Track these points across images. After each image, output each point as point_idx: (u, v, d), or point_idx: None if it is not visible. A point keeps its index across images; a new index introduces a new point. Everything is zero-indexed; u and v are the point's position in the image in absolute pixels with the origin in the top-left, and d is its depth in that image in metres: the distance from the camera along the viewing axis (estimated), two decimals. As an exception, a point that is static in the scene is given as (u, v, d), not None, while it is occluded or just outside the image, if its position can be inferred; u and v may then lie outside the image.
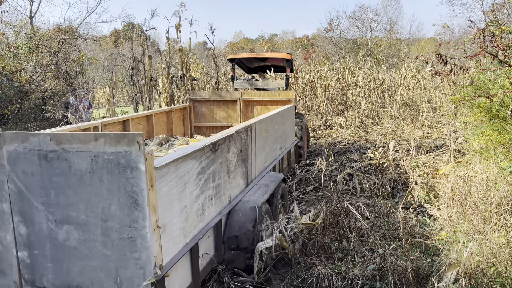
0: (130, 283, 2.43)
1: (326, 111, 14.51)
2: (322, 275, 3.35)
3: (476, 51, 4.60)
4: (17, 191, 2.54)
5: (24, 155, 2.48)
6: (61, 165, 2.41)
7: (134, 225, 2.35)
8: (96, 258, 2.47)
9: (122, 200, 2.34)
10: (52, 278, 2.60)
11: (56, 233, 2.52)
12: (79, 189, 2.40)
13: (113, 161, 2.31)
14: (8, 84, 11.58)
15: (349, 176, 6.74)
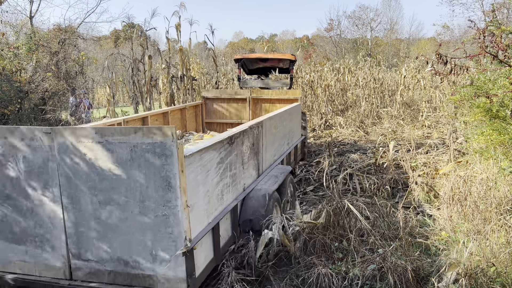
0: (164, 254, 2.82)
1: (326, 111, 14.51)
2: (322, 275, 3.35)
3: (476, 51, 4.60)
4: (66, 177, 2.95)
5: (72, 147, 2.88)
6: (104, 155, 2.80)
7: (167, 205, 2.75)
8: (134, 234, 2.86)
9: (158, 183, 2.74)
10: (96, 252, 3.00)
11: (100, 213, 2.91)
12: (120, 175, 2.79)
13: (150, 150, 2.71)
14: (8, 84, 11.58)
15: (349, 176, 6.74)
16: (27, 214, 3.10)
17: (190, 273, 2.89)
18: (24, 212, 3.11)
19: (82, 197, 2.94)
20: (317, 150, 9.74)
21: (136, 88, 10.13)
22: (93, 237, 2.99)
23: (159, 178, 2.73)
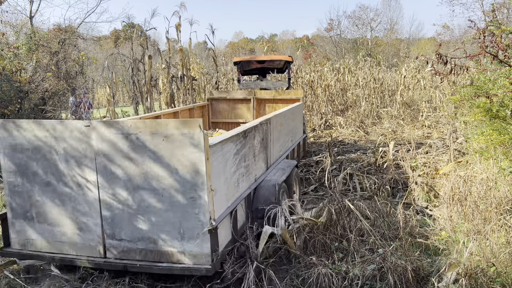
0: (191, 233, 3.19)
1: (326, 111, 14.50)
2: (322, 275, 3.35)
3: (476, 51, 4.60)
4: (103, 165, 3.30)
5: (109, 138, 3.24)
6: (139, 144, 3.18)
7: (195, 188, 3.12)
8: (164, 215, 3.22)
9: (187, 169, 3.11)
10: (128, 232, 3.34)
11: (133, 197, 3.28)
12: (153, 162, 3.17)
13: (180, 140, 3.08)
14: (8, 84, 11.57)
15: (349, 176, 6.74)
16: (66, 199, 3.46)
17: (214, 249, 3.20)
18: (64, 197, 3.46)
19: (117, 182, 3.31)
20: (317, 150, 9.74)
21: (136, 88, 10.12)
22: (126, 219, 3.34)
23: (188, 165, 3.11)
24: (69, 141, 3.35)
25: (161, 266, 3.29)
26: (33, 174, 3.49)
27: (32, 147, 3.45)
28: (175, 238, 3.25)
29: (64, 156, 3.39)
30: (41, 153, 3.44)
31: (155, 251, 3.32)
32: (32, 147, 3.45)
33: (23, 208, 3.58)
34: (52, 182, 3.45)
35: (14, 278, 3.70)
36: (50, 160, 3.43)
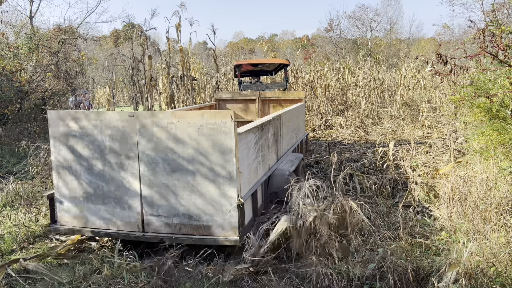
0: (221, 208, 3.71)
1: (326, 111, 14.50)
2: (322, 274, 3.35)
3: (476, 51, 4.60)
4: (144, 150, 3.78)
5: (150, 126, 3.73)
6: (177, 132, 3.69)
7: (226, 169, 3.64)
8: (197, 193, 3.73)
9: (219, 154, 3.63)
10: (165, 208, 3.83)
11: (170, 178, 3.76)
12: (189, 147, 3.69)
13: (214, 128, 3.62)
14: (8, 84, 11.57)
15: (349, 176, 6.74)
16: (109, 180, 3.94)
17: (241, 222, 3.70)
18: (108, 179, 3.94)
19: (156, 165, 3.79)
20: (317, 150, 9.74)
21: (136, 88, 10.12)
22: (163, 197, 3.80)
23: (220, 149, 3.63)
24: (114, 129, 3.86)
25: (194, 238, 3.79)
26: (80, 158, 4.00)
27: (80, 134, 3.96)
28: (207, 213, 3.76)
29: (109, 142, 3.89)
30: (89, 139, 3.94)
31: (189, 225, 3.82)
32: (80, 134, 3.96)
33: (70, 189, 4.09)
34: (98, 165, 3.95)
35: (15, 277, 3.71)
36: (96, 145, 3.93)
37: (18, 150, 8.57)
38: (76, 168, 4.02)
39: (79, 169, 4.02)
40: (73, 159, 4.02)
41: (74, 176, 4.04)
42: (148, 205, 3.88)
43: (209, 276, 3.68)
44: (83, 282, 3.63)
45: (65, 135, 4.01)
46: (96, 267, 3.90)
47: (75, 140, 3.97)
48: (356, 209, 4.21)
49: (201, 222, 3.79)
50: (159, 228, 3.89)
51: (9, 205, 5.76)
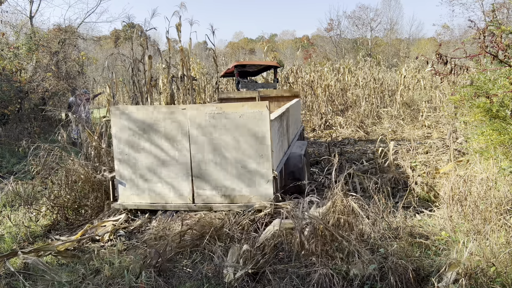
0: (258, 180, 4.63)
1: (326, 111, 14.50)
2: (322, 275, 3.34)
3: (476, 51, 4.60)
4: (194, 136, 4.62)
5: (200, 116, 4.57)
6: (223, 121, 4.55)
7: (263, 149, 4.55)
8: (239, 169, 4.62)
9: (256, 136, 4.53)
10: (212, 183, 4.69)
11: (216, 158, 4.62)
12: (232, 132, 4.58)
13: (253, 116, 4.48)
14: (8, 84, 11.57)
15: (349, 176, 6.73)
16: (165, 163, 4.76)
17: (275, 191, 4.59)
18: (163, 161, 4.76)
19: (205, 148, 4.63)
20: (317, 150, 9.74)
21: (136, 88, 10.10)
22: (210, 174, 4.68)
23: (257, 133, 4.52)
24: (169, 120, 4.65)
25: (237, 205, 4.63)
26: (138, 145, 4.79)
27: (139, 125, 4.74)
28: (247, 185, 4.64)
29: (164, 131, 4.68)
30: (146, 129, 4.73)
31: (232, 196, 4.68)
32: (139, 125, 4.74)
33: (129, 171, 4.86)
34: (154, 150, 4.71)
35: (14, 271, 3.71)
36: (153, 134, 4.71)
37: (18, 150, 8.56)
38: (135, 153, 4.83)
39: (137, 154, 4.82)
40: (132, 146, 4.82)
41: (133, 160, 4.85)
42: (197, 181, 4.75)
43: (209, 276, 3.68)
44: (83, 282, 3.63)
45: (125, 126, 4.81)
46: (96, 267, 3.91)
47: (134, 129, 4.79)
48: (357, 209, 4.22)
49: (242, 193, 4.68)
50: (207, 199, 4.75)
51: (9, 205, 5.77)
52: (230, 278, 3.54)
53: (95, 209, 5.60)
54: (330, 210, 4.26)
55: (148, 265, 3.79)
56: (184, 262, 3.99)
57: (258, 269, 3.64)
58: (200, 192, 4.75)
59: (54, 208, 5.37)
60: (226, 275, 3.60)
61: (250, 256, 3.71)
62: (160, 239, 4.42)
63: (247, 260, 3.70)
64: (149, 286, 3.54)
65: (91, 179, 5.79)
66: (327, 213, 4.24)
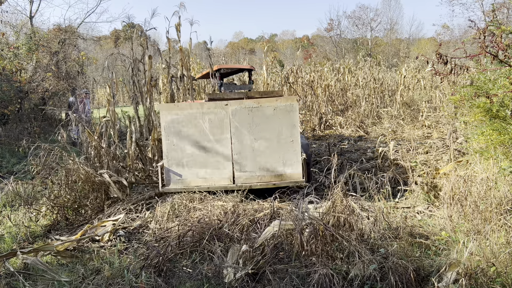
0: (290, 162, 5.50)
1: (326, 111, 14.50)
2: (323, 275, 3.34)
3: (476, 51, 4.60)
4: (235, 127, 5.45)
5: (240, 110, 5.45)
6: (259, 114, 5.44)
7: (293, 136, 5.44)
8: (273, 154, 5.50)
9: (288, 126, 5.43)
10: (250, 165, 5.53)
11: (254, 145, 5.49)
12: (268, 123, 5.46)
13: (285, 109, 5.38)
14: (8, 84, 11.56)
15: (349, 176, 6.73)
16: (209, 151, 5.56)
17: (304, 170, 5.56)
18: (207, 150, 5.55)
19: (243, 137, 5.51)
20: (317, 150, 9.73)
21: (136, 88, 10.10)
22: (248, 158, 5.52)
23: (289, 123, 5.45)
24: (212, 114, 5.47)
25: (273, 183, 5.50)
26: (185, 136, 5.54)
27: (185, 119, 5.50)
28: (280, 166, 5.53)
29: (209, 123, 5.46)
30: (192, 122, 5.50)
31: (268, 176, 5.54)
32: (185, 119, 5.50)
33: (176, 159, 5.58)
34: (199, 140, 5.52)
35: (14, 271, 3.71)
36: (198, 126, 5.49)
37: (18, 150, 8.57)
38: (182, 143, 5.55)
39: (184, 144, 5.54)
40: (179, 137, 5.55)
41: (179, 150, 5.56)
42: (237, 164, 5.54)
43: (209, 276, 3.68)
44: (83, 282, 3.63)
45: (172, 121, 5.53)
46: (96, 267, 3.91)
47: (181, 124, 5.53)
48: (357, 209, 4.21)
49: (276, 172, 5.55)
50: (246, 180, 5.55)
51: (9, 205, 5.76)
52: (230, 278, 3.54)
53: (95, 209, 5.60)
54: (330, 210, 4.26)
55: (148, 265, 3.79)
56: (184, 262, 3.99)
57: (258, 269, 3.64)
58: (240, 174, 5.55)
59: (54, 208, 5.37)
60: (226, 275, 3.60)
61: (250, 257, 3.71)
62: (161, 240, 4.43)
63: (247, 260, 3.70)
64: (149, 286, 3.54)
65: (91, 179, 5.79)
66: (327, 213, 4.24)
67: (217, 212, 4.87)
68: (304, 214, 4.03)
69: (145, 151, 7.71)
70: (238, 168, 5.52)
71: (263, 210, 4.89)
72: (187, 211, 5.12)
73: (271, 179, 5.51)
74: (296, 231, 3.99)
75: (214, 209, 5.02)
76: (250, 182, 5.52)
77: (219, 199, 5.50)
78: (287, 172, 5.52)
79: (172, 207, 5.23)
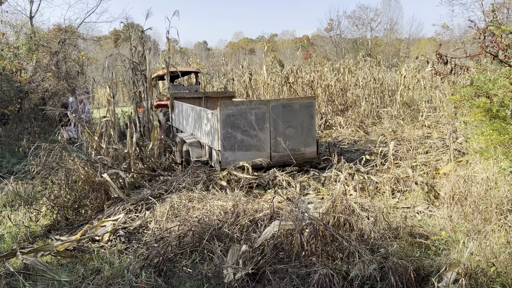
0: (309, 143, 7.56)
1: (326, 111, 14.49)
2: (323, 275, 3.34)
3: (476, 51, 4.60)
4: (272, 119, 7.18)
5: (276, 106, 7.21)
6: (289, 109, 7.31)
7: (311, 125, 7.61)
8: (298, 138, 7.42)
9: (308, 117, 7.53)
10: (281, 147, 7.16)
11: (285, 132, 7.28)
12: (295, 116, 7.38)
13: (306, 105, 7.49)
14: (8, 84, 11.56)
15: (349, 176, 6.72)
16: (254, 137, 7.12)
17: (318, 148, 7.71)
18: (252, 136, 7.11)
19: (278, 126, 7.22)
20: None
21: (136, 88, 10.10)
22: (280, 142, 7.13)
23: (309, 115, 7.46)
24: (256, 109, 7.11)
25: (297, 160, 7.28)
26: (237, 126, 7.01)
27: (237, 113, 6.99)
28: (302, 147, 7.48)
29: (254, 116, 7.08)
30: (243, 116, 7.01)
31: (294, 154, 7.22)
32: (237, 113, 6.99)
33: (230, 144, 7.00)
34: (247, 129, 7.06)
35: (13, 271, 3.71)
36: (247, 118, 7.04)
37: (18, 150, 8.58)
38: (234, 132, 6.99)
39: (235, 132, 7.00)
40: (232, 127, 6.97)
41: (233, 138, 7.00)
42: (273, 146, 7.26)
43: (209, 276, 3.68)
44: (83, 282, 3.63)
45: (228, 114, 6.93)
46: (96, 267, 3.91)
47: (234, 117, 6.96)
48: (357, 209, 4.21)
49: (299, 151, 7.47)
50: (279, 158, 7.31)
51: (9, 205, 5.76)
52: (230, 278, 3.54)
53: (95, 209, 5.60)
54: (330, 210, 4.26)
55: (148, 265, 3.79)
56: (184, 262, 3.99)
57: (258, 269, 3.64)
58: (275, 155, 7.30)
59: (54, 208, 5.37)
60: (226, 275, 3.60)
61: (249, 257, 3.71)
62: (161, 240, 4.43)
63: (247, 260, 3.70)
64: (149, 286, 3.54)
65: (91, 179, 5.79)
66: (327, 213, 4.24)
67: (217, 212, 4.87)
68: (304, 214, 4.03)
69: (145, 150, 7.71)
70: (274, 149, 7.26)
71: (263, 210, 4.89)
72: (186, 211, 5.12)
73: (296, 157, 7.26)
74: (296, 231, 3.98)
75: (213, 209, 5.02)
76: (282, 160, 7.26)
77: (219, 199, 5.50)
78: (307, 151, 7.51)
79: (172, 207, 5.23)
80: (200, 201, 5.47)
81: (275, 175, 6.75)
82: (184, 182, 6.21)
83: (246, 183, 6.34)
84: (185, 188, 6.06)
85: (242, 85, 16.85)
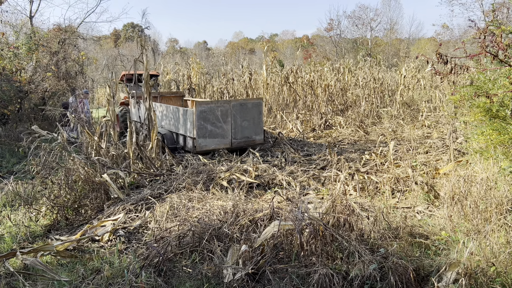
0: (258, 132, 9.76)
1: (326, 111, 14.49)
2: (322, 275, 3.34)
3: (476, 51, 4.60)
4: (233, 115, 9.24)
5: (236, 105, 9.34)
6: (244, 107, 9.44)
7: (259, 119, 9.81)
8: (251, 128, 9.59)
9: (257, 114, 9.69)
10: (239, 135, 9.41)
11: (242, 124, 9.42)
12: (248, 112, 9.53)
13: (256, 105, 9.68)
14: (8, 84, 11.56)
15: (349, 176, 6.73)
16: (219, 128, 9.01)
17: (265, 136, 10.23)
18: (218, 127, 8.99)
19: (237, 120, 9.25)
20: (317, 150, 9.73)
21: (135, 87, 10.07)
22: (239, 131, 9.30)
23: (258, 111, 9.64)
24: (222, 107, 8.93)
25: (250, 145, 9.43)
26: (207, 120, 8.74)
27: (208, 110, 8.75)
28: (254, 135, 9.54)
29: (220, 112, 8.88)
30: (212, 112, 8.78)
31: (248, 140, 9.43)
32: (208, 110, 8.75)
33: (202, 133, 8.72)
34: (215, 122, 8.84)
35: (13, 271, 3.71)
36: (215, 114, 8.81)
37: (18, 150, 8.57)
38: (205, 124, 8.75)
39: (206, 124, 8.77)
40: (204, 120, 8.72)
41: (204, 128, 8.75)
42: (234, 135, 9.14)
43: (208, 276, 3.68)
44: (83, 282, 3.63)
45: (201, 111, 8.68)
46: (96, 267, 3.91)
47: (206, 112, 8.74)
48: (356, 209, 4.21)
49: (252, 139, 9.48)
50: (237, 143, 9.23)
51: (9, 205, 5.76)
52: (230, 278, 3.54)
53: (95, 209, 5.60)
54: (330, 210, 4.26)
55: (148, 265, 3.79)
56: (184, 262, 3.99)
57: (258, 269, 3.64)
58: (234, 141, 9.22)
59: (54, 208, 5.37)
60: (226, 275, 3.60)
61: (249, 256, 3.71)
62: (161, 239, 4.42)
63: (247, 260, 3.70)
64: (149, 286, 3.54)
65: (91, 179, 5.79)
66: (327, 213, 4.24)
67: (217, 212, 4.87)
68: (304, 214, 4.03)
69: (145, 150, 7.71)
70: (234, 137, 9.22)
71: (263, 210, 4.90)
72: (186, 211, 5.12)
73: (249, 143, 9.47)
74: (296, 231, 3.98)
75: (213, 208, 5.02)
76: (239, 145, 9.30)
77: (218, 199, 5.50)
78: (257, 138, 9.60)
79: (172, 207, 5.23)
80: (200, 201, 5.47)
81: (275, 175, 6.75)
82: (184, 182, 6.21)
83: (247, 183, 6.35)
84: (185, 188, 6.06)
85: (242, 85, 16.84)
